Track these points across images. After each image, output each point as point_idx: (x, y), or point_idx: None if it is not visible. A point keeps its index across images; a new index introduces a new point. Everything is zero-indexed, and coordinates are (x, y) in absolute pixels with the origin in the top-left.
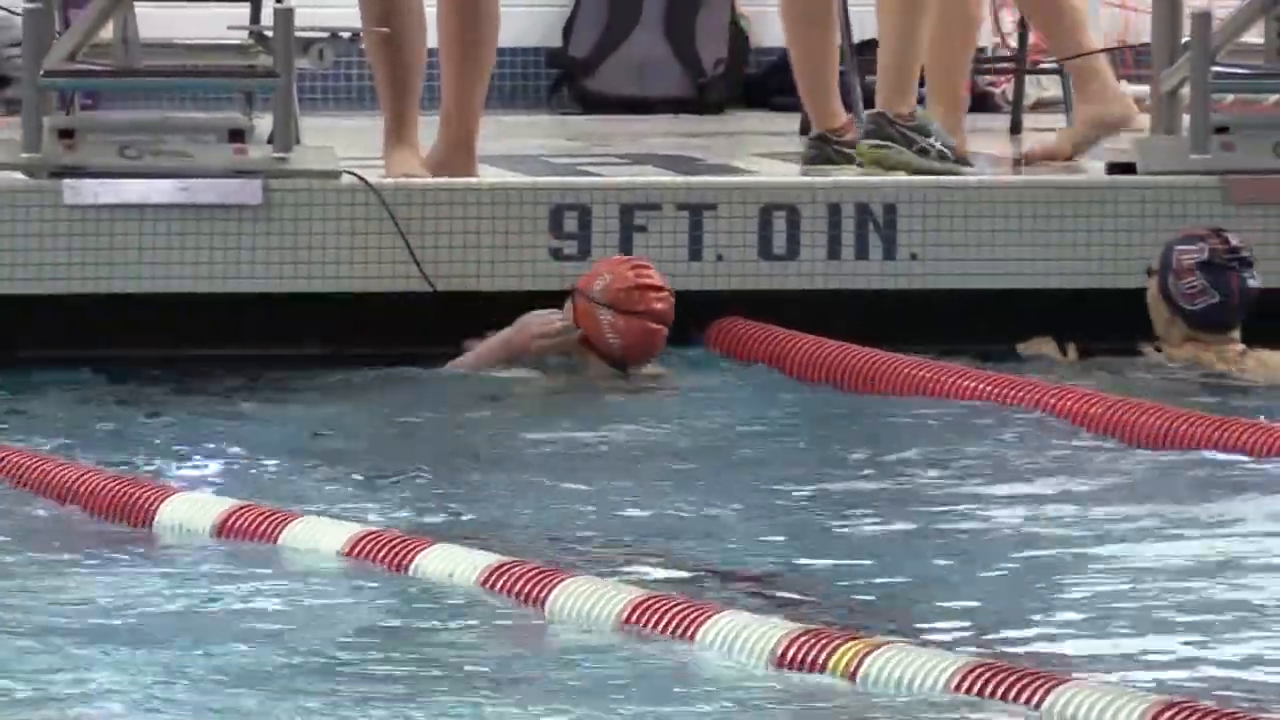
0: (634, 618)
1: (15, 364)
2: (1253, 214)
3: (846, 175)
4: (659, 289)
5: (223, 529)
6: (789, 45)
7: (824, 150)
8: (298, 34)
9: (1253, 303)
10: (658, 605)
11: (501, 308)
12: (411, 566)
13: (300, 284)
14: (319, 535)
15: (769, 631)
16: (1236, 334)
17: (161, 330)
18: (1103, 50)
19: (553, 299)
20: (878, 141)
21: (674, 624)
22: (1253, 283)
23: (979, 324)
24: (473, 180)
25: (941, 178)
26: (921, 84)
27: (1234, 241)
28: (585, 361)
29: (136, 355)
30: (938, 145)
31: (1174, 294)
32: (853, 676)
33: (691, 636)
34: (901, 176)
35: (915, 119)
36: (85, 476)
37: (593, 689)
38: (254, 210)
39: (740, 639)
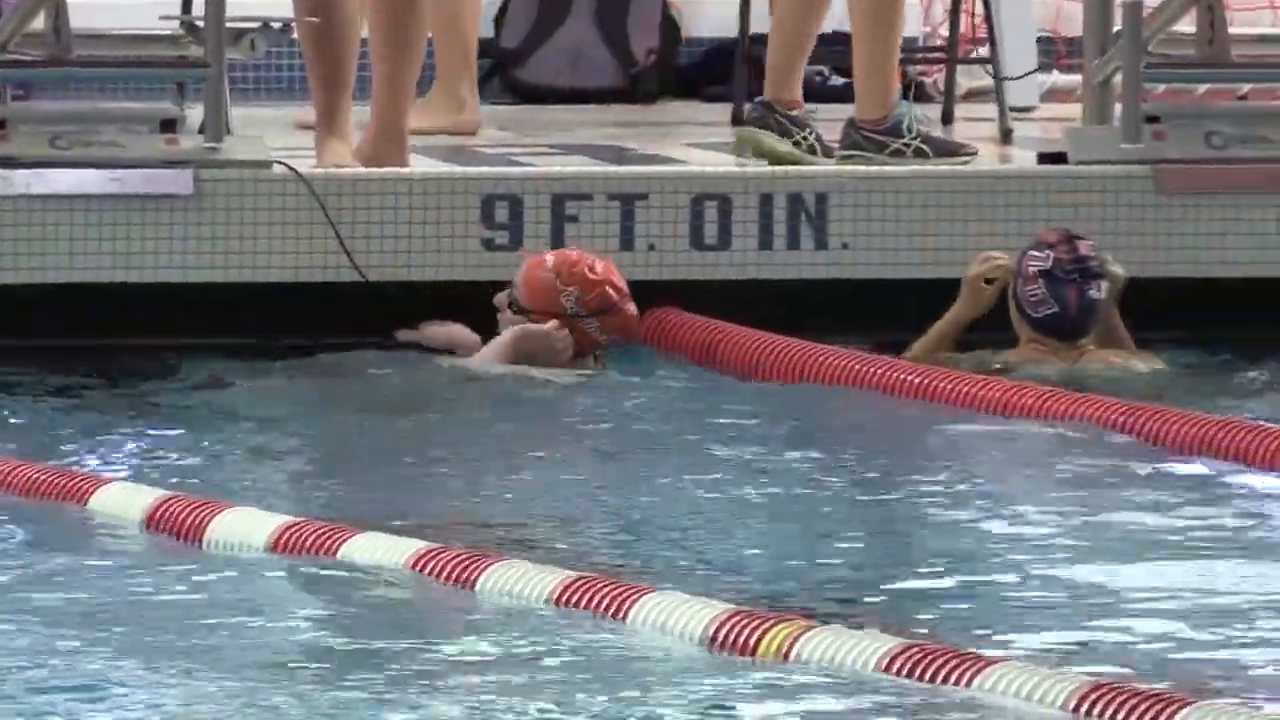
0: (565, 599)
1: None
2: (1184, 203)
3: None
4: (608, 275)
5: (152, 520)
6: (775, 15)
7: (767, 117)
8: (229, 24)
9: (1098, 312)
10: (588, 585)
11: (433, 298)
12: (340, 552)
13: (232, 274)
14: (248, 526)
15: (701, 612)
16: (1085, 341)
17: (92, 320)
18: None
19: (484, 289)
20: (846, 151)
21: (605, 603)
22: (1094, 295)
23: (910, 314)
24: (404, 170)
25: (871, 168)
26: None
27: (1083, 251)
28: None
29: (67, 345)
30: (916, 142)
31: (1019, 298)
32: (785, 657)
33: (624, 617)
34: (831, 165)
35: (886, 120)
36: (18, 469)
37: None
38: (185, 200)
39: (673, 619)
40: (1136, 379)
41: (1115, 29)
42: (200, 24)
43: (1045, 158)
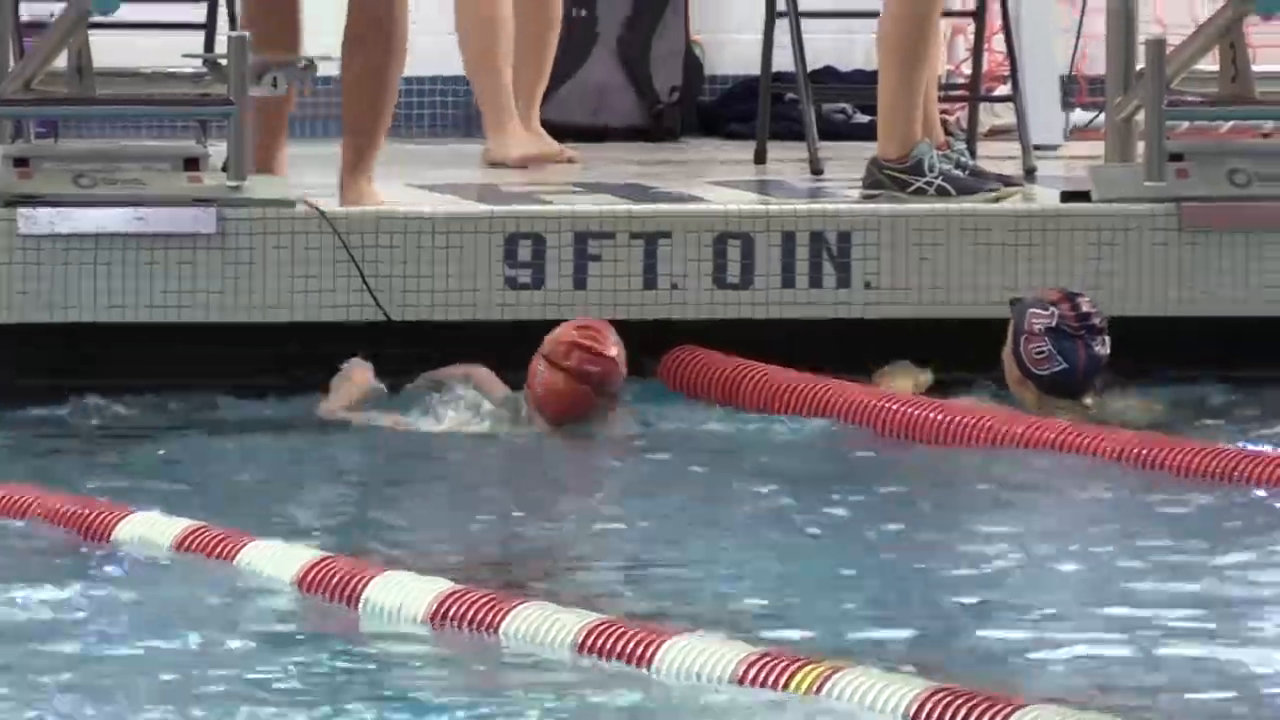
0: (589, 643)
1: None
2: (1207, 241)
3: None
4: (596, 353)
5: (181, 548)
6: (880, 69)
7: (874, 174)
8: (251, 62)
9: (1103, 369)
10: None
11: (456, 337)
12: (366, 592)
13: (255, 313)
14: (274, 560)
15: (729, 654)
16: (1088, 400)
17: (116, 359)
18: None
19: (508, 328)
20: (870, 191)
21: (631, 647)
22: (1100, 350)
23: (933, 353)
24: (426, 209)
25: (895, 205)
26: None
27: (1085, 308)
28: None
29: (92, 384)
30: (938, 181)
31: (1023, 357)
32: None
33: (649, 660)
34: (855, 205)
35: (908, 159)
36: (43, 499)
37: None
38: (208, 239)
39: (700, 662)
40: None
41: (1138, 67)
42: (223, 62)
43: (1068, 196)
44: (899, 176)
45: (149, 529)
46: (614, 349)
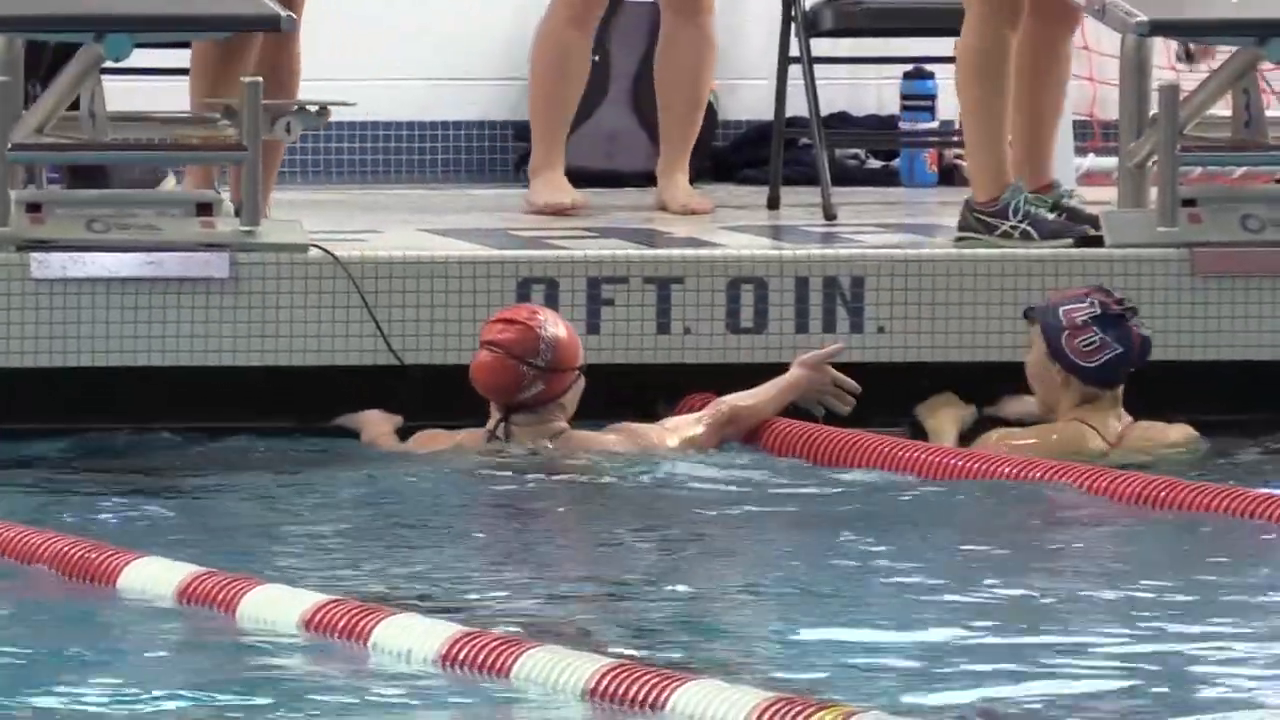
0: (602, 687)
1: None
2: (1220, 286)
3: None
4: (505, 319)
5: (184, 595)
6: (962, 108)
7: (966, 217)
8: (265, 107)
9: (1147, 353)
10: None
11: (469, 382)
12: (374, 634)
13: (268, 358)
14: (279, 603)
15: (741, 699)
16: (1120, 391)
17: (129, 404)
18: None
19: None
20: (961, 234)
21: (644, 692)
22: (1144, 331)
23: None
24: (440, 253)
25: (908, 250)
26: None
27: (1117, 294)
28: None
29: (105, 428)
30: (1023, 225)
31: (1069, 353)
32: None
33: (663, 705)
34: (868, 249)
35: (998, 202)
36: (50, 542)
37: None
38: (221, 283)
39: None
40: (1186, 455)
41: (1151, 112)
42: (236, 107)
43: (1082, 240)
44: (986, 219)
45: (155, 573)
46: (530, 317)
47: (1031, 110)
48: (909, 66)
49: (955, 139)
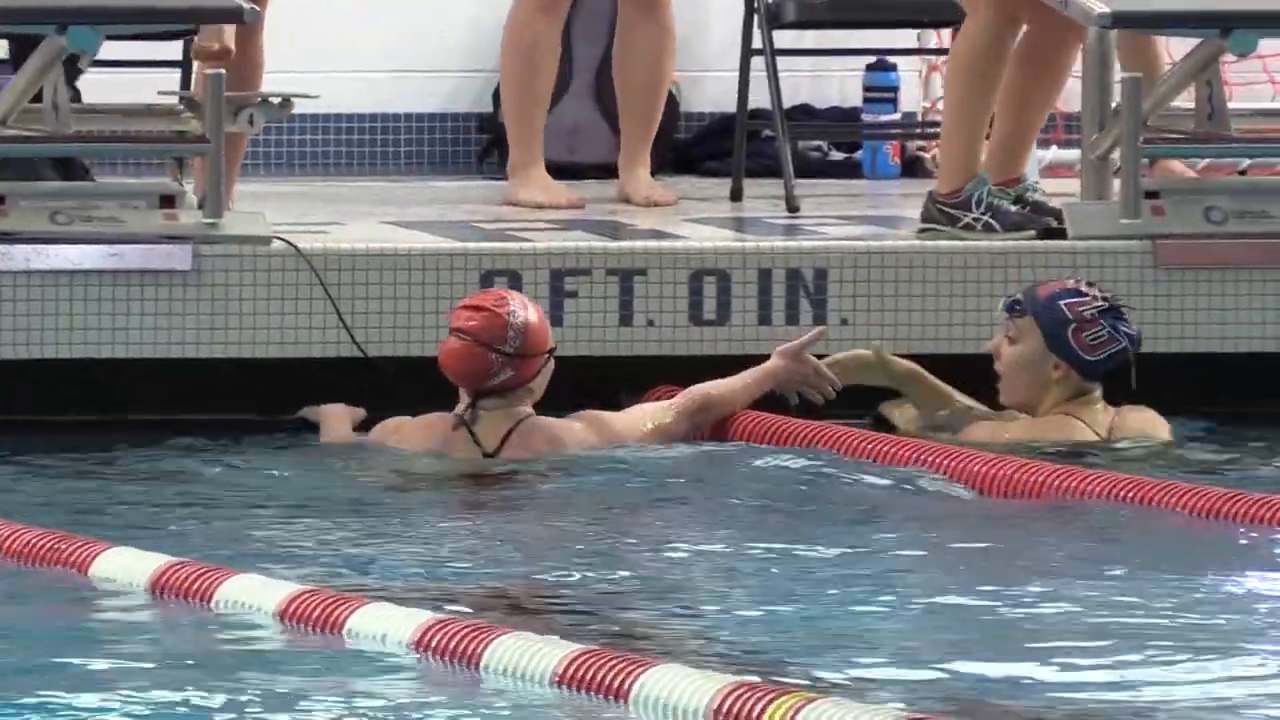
0: (569, 673)
1: None
2: (1183, 278)
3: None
4: (472, 306)
5: (158, 585)
6: (946, 96)
7: (929, 208)
8: (227, 99)
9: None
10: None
11: (432, 373)
12: (348, 622)
13: (231, 350)
14: (253, 592)
15: (704, 685)
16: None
17: (93, 396)
18: None
19: None
20: (924, 225)
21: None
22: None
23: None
24: (403, 245)
25: (870, 241)
26: None
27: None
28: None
29: (66, 421)
30: (985, 217)
31: (1075, 346)
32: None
33: (627, 692)
34: (831, 242)
35: (960, 194)
36: (17, 534)
37: None
38: (184, 275)
39: (676, 693)
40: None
41: (1114, 104)
42: (199, 99)
43: (1044, 233)
44: (949, 211)
45: (124, 565)
46: (499, 302)
47: (1023, 104)
48: (872, 59)
49: (918, 131)
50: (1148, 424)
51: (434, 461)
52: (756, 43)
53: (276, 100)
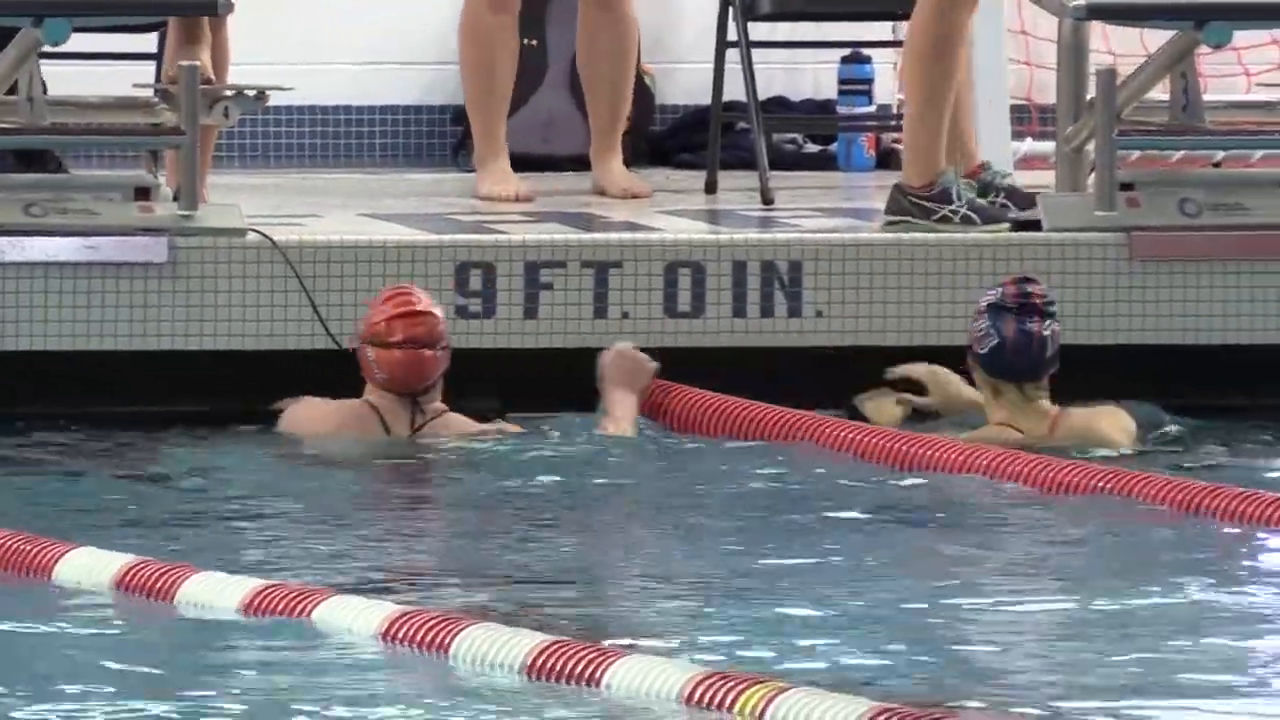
0: (540, 663)
1: None
2: (1158, 270)
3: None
4: (413, 314)
5: (122, 584)
6: (905, 87)
7: (899, 201)
8: (202, 91)
9: (1035, 349)
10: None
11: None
12: (314, 615)
13: (206, 342)
14: (219, 589)
15: (676, 675)
16: (1042, 389)
17: (67, 387)
18: None
19: (458, 357)
20: (893, 218)
21: (580, 668)
22: (1031, 328)
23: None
24: (378, 238)
25: (845, 234)
26: None
27: (1029, 289)
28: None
29: (40, 413)
30: (963, 209)
31: (969, 336)
32: (760, 718)
33: (599, 680)
34: (806, 234)
35: (934, 187)
36: None
37: None
38: (160, 268)
39: (648, 681)
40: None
41: (1089, 96)
42: (174, 91)
43: (1019, 225)
44: (923, 204)
45: (90, 564)
46: (425, 303)
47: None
48: (846, 51)
49: (893, 123)
50: (1090, 425)
51: (365, 449)
52: (731, 35)
53: (251, 93)
